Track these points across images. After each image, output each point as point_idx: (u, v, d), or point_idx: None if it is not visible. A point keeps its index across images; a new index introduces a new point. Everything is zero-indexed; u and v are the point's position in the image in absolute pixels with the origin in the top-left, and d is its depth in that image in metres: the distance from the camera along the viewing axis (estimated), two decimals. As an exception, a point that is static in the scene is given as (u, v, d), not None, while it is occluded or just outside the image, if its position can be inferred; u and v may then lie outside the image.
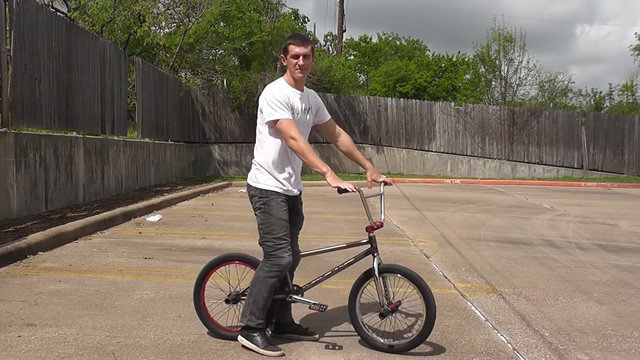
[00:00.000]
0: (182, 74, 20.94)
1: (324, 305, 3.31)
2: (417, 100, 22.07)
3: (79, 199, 9.19)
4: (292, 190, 3.30)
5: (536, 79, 29.05)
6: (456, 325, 3.77)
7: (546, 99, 27.32)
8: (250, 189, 3.32)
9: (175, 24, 18.99)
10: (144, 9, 15.25)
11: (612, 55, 64.64)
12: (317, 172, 3.10)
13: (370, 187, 3.43)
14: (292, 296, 3.35)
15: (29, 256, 5.47)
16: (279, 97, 3.20)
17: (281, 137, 3.21)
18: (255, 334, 3.20)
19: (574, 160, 21.11)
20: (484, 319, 3.93)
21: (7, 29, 7.36)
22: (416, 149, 21.01)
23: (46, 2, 14.55)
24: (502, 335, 3.60)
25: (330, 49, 33.25)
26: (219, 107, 19.40)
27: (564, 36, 74.91)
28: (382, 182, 3.48)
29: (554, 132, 21.04)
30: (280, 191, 3.24)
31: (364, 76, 36.06)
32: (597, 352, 3.35)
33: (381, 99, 21.46)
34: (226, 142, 19.44)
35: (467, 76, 30.28)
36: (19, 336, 3.34)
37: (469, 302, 4.32)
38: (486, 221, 9.02)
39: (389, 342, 3.23)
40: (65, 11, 15.23)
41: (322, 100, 18.09)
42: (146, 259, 5.60)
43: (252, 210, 3.33)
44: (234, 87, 19.14)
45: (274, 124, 3.20)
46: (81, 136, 9.42)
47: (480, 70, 26.65)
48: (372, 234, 3.27)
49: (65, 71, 8.90)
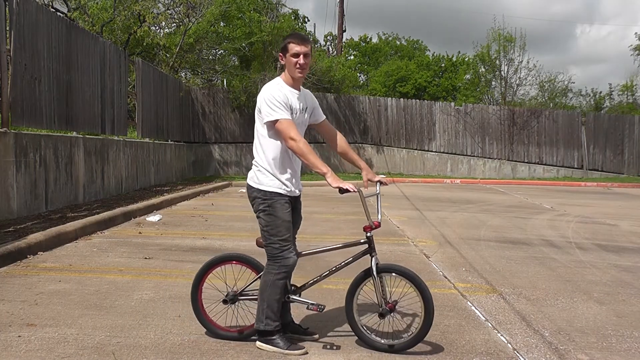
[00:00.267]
0: (182, 74, 20.94)
1: (322, 305, 3.31)
2: (417, 100, 22.07)
3: (79, 199, 9.19)
4: (294, 190, 3.29)
5: (536, 79, 29.08)
6: (456, 325, 3.77)
7: (546, 99, 27.33)
8: (252, 190, 3.27)
9: (175, 24, 19.00)
10: (144, 9, 15.25)
11: (612, 55, 64.69)
12: (318, 172, 3.09)
13: (366, 186, 3.43)
14: (290, 296, 3.35)
15: (29, 256, 5.47)
16: (278, 97, 3.17)
17: (281, 137, 3.20)
18: (274, 337, 3.21)
19: (574, 160, 21.11)
20: (484, 319, 3.93)
21: (7, 29, 7.36)
22: (416, 149, 21.01)
23: (46, 2, 14.55)
24: (502, 335, 3.60)
25: (330, 49, 33.25)
26: (219, 107, 19.41)
27: (564, 36, 74.95)
28: (377, 182, 3.48)
29: (554, 132, 21.04)
30: (283, 192, 3.22)
31: (364, 76, 36.07)
32: (597, 352, 3.35)
33: (381, 99, 21.46)
34: (226, 142, 19.44)
35: (467, 76, 30.28)
36: (19, 336, 3.34)
37: (469, 302, 4.32)
38: (486, 221, 9.02)
39: (387, 342, 3.23)
40: (65, 11, 15.23)
41: (322, 100, 18.20)
42: (146, 259, 5.60)
43: (253, 211, 3.31)
44: (234, 87, 19.15)
45: (273, 125, 3.17)
46: (81, 136, 9.42)
47: (480, 70, 26.65)
48: (369, 234, 3.27)
49: (65, 71, 8.90)
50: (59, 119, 8.67)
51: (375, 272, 3.19)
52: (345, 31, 27.79)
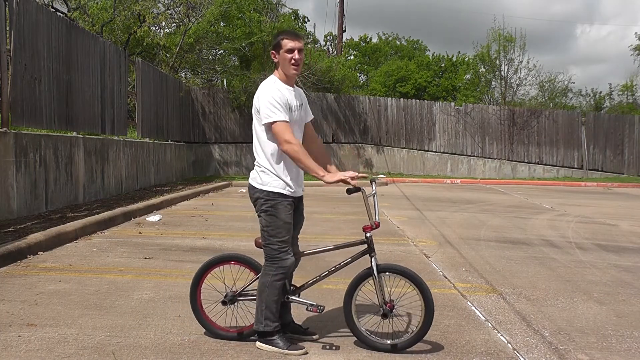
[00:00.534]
0: (182, 74, 20.94)
1: (322, 306, 3.30)
2: (417, 100, 22.07)
3: (79, 199, 9.19)
4: (297, 191, 3.27)
5: (536, 79, 29.12)
6: (456, 325, 3.77)
7: (546, 99, 27.33)
8: (255, 191, 3.23)
9: (175, 24, 19.00)
10: (144, 9, 15.25)
11: (612, 55, 64.68)
12: (315, 176, 3.08)
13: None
14: (289, 297, 3.34)
15: (29, 256, 5.47)
16: (277, 97, 3.13)
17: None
18: (274, 337, 3.21)
19: (574, 160, 21.10)
20: (484, 319, 3.93)
21: (7, 29, 7.36)
22: (416, 149, 21.00)
23: (46, 2, 14.56)
24: (502, 335, 3.60)
25: (330, 49, 33.25)
26: (219, 107, 19.41)
27: (564, 36, 74.95)
28: (372, 181, 3.48)
29: (554, 132, 21.03)
30: (287, 193, 3.19)
31: (364, 76, 36.08)
32: (597, 352, 3.35)
33: (381, 99, 21.46)
34: (226, 142, 19.44)
35: (467, 76, 30.29)
36: (19, 336, 3.34)
37: (469, 302, 4.32)
38: (486, 221, 9.01)
39: (387, 342, 3.23)
40: (65, 11, 15.23)
41: (322, 100, 18.21)
42: (146, 259, 5.60)
43: (254, 210, 3.29)
44: (234, 87, 19.14)
45: (271, 126, 3.13)
46: (81, 136, 9.42)
47: (480, 70, 26.66)
48: (369, 234, 3.27)
49: (65, 71, 8.90)
50: (59, 119, 8.67)
51: (375, 272, 3.19)
52: (345, 31, 27.79)
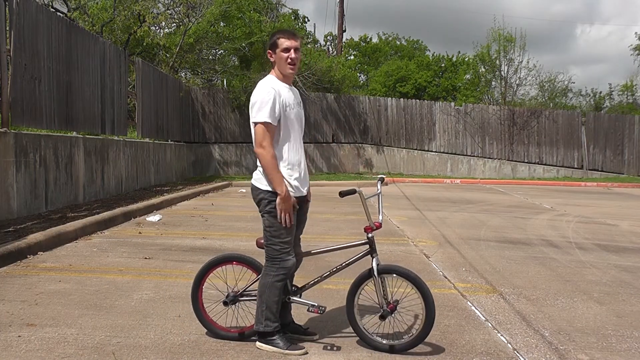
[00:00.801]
0: (182, 74, 20.95)
1: (323, 306, 3.30)
2: (417, 100, 22.07)
3: (79, 199, 9.19)
4: (301, 190, 3.26)
5: (536, 79, 29.12)
6: (456, 325, 3.77)
7: (546, 99, 27.33)
8: (258, 192, 3.21)
9: (175, 24, 19.00)
10: (144, 9, 15.25)
11: (612, 55, 64.73)
12: (274, 189, 3.09)
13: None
14: (290, 297, 3.34)
15: (29, 256, 5.47)
16: (265, 98, 3.09)
17: (283, 138, 3.16)
18: (274, 337, 3.21)
19: (574, 160, 21.10)
20: (484, 319, 3.93)
21: (7, 29, 7.36)
22: (416, 149, 21.00)
23: (46, 2, 14.56)
24: (502, 335, 3.60)
25: (330, 49, 33.25)
26: (219, 107, 19.41)
27: (564, 36, 75.00)
28: (379, 181, 3.49)
29: (554, 132, 21.03)
30: (290, 193, 3.19)
31: (364, 76, 36.08)
32: (597, 352, 3.35)
33: (381, 99, 21.45)
34: (226, 142, 19.44)
35: (467, 76, 30.27)
36: (19, 336, 3.34)
37: (469, 302, 4.32)
38: (486, 221, 9.01)
39: (388, 343, 3.23)
40: (65, 11, 15.23)
41: (322, 100, 18.20)
42: (146, 259, 5.60)
43: (254, 210, 3.28)
44: (234, 87, 19.15)
45: (274, 128, 3.12)
46: (81, 136, 9.42)
47: (480, 70, 26.64)
48: (370, 235, 3.27)
49: (65, 71, 8.90)
50: (59, 119, 8.67)
51: (376, 273, 3.19)
52: (345, 31, 27.79)
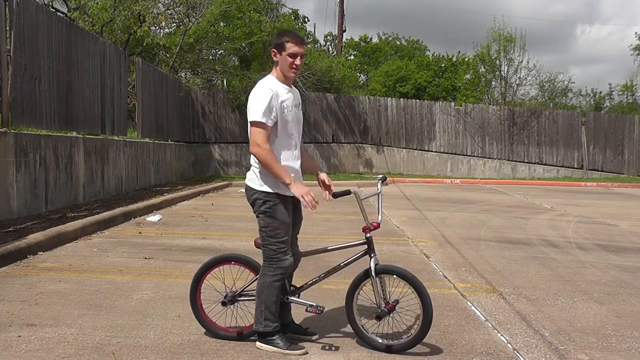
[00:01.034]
0: (182, 74, 20.94)
1: (321, 307, 3.29)
2: (417, 100, 22.07)
3: (79, 199, 9.19)
4: None
5: (536, 79, 29.07)
6: (456, 325, 3.77)
7: (546, 99, 27.32)
8: (252, 192, 3.22)
9: (175, 24, 19.00)
10: (144, 9, 15.25)
11: (612, 55, 64.74)
12: (282, 182, 3.07)
13: (322, 190, 3.39)
14: (288, 297, 3.34)
15: (29, 256, 5.47)
16: (262, 99, 3.09)
17: (276, 137, 3.16)
18: (274, 337, 3.21)
19: (574, 160, 21.10)
20: (484, 319, 3.93)
21: (7, 29, 7.36)
22: (416, 149, 21.00)
23: (46, 2, 14.56)
24: (502, 335, 3.60)
25: (330, 49, 33.26)
26: (219, 107, 19.41)
27: (564, 36, 75.01)
28: (379, 181, 3.49)
29: (554, 132, 21.03)
30: (286, 193, 3.19)
31: (364, 76, 36.08)
32: (597, 352, 3.35)
33: (381, 99, 21.46)
34: (226, 142, 19.44)
35: (467, 76, 30.27)
36: (19, 336, 3.34)
37: (469, 302, 4.32)
38: (486, 221, 9.01)
39: (386, 342, 3.23)
40: (65, 11, 15.23)
41: (322, 100, 18.20)
42: (146, 259, 5.60)
43: (253, 211, 3.29)
44: (234, 87, 19.15)
45: (269, 128, 3.12)
46: (81, 136, 9.42)
47: (480, 70, 26.63)
48: (368, 235, 3.27)
49: (65, 71, 8.90)
50: (59, 119, 8.67)
51: (373, 273, 3.19)
52: (345, 31, 27.79)
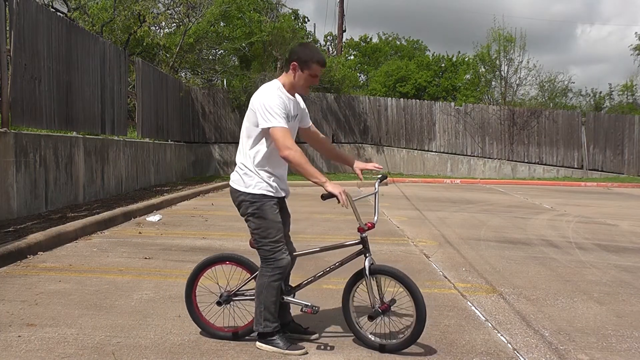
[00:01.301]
0: (182, 74, 20.95)
1: (316, 307, 3.28)
2: (417, 100, 22.07)
3: (79, 199, 9.19)
4: (281, 192, 3.29)
5: (536, 79, 29.05)
6: (456, 325, 3.77)
7: (546, 99, 27.30)
8: (238, 194, 3.23)
9: (175, 24, 19.01)
10: (144, 9, 15.25)
11: (612, 55, 64.75)
12: (316, 182, 3.07)
13: (360, 177, 3.59)
14: (284, 297, 3.33)
15: (29, 256, 5.47)
16: (278, 104, 3.10)
17: (270, 141, 3.14)
18: (274, 337, 3.21)
19: (574, 160, 21.11)
20: (484, 319, 3.93)
21: (7, 29, 7.36)
22: (416, 149, 21.01)
23: (46, 2, 14.56)
24: (502, 335, 3.60)
25: (330, 49, 33.25)
26: (219, 107, 19.41)
27: (564, 36, 75.02)
28: (378, 180, 3.50)
29: (554, 132, 21.03)
30: (271, 194, 3.20)
31: (364, 76, 36.06)
32: (597, 352, 3.35)
33: (381, 99, 21.46)
34: (226, 142, 19.44)
35: (467, 76, 30.26)
36: (19, 336, 3.34)
37: (469, 302, 4.32)
38: (486, 221, 9.01)
39: (380, 342, 3.24)
40: (65, 11, 15.23)
41: (322, 100, 18.24)
42: (146, 259, 5.60)
43: (240, 214, 3.26)
44: (234, 87, 19.15)
45: (267, 131, 3.12)
46: (81, 136, 9.42)
47: (480, 70, 26.63)
48: (363, 235, 3.28)
49: (65, 71, 8.90)
50: (59, 119, 8.67)
51: (367, 273, 3.19)
52: (345, 31, 27.82)
